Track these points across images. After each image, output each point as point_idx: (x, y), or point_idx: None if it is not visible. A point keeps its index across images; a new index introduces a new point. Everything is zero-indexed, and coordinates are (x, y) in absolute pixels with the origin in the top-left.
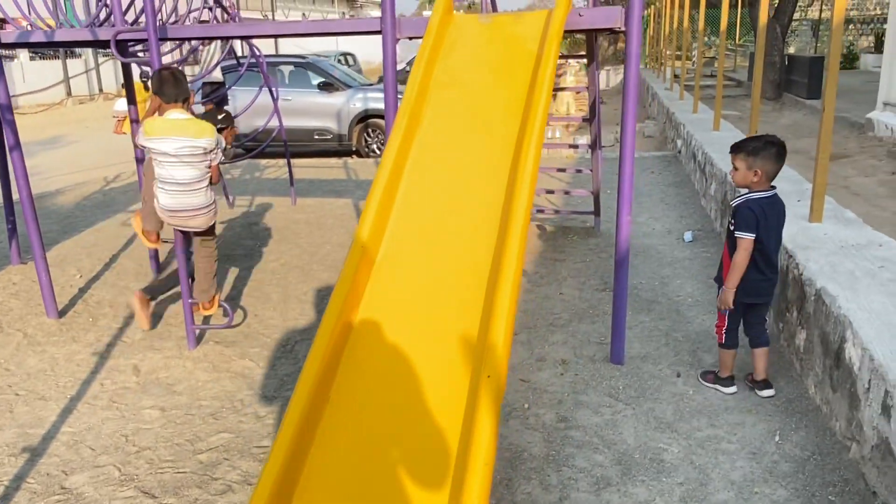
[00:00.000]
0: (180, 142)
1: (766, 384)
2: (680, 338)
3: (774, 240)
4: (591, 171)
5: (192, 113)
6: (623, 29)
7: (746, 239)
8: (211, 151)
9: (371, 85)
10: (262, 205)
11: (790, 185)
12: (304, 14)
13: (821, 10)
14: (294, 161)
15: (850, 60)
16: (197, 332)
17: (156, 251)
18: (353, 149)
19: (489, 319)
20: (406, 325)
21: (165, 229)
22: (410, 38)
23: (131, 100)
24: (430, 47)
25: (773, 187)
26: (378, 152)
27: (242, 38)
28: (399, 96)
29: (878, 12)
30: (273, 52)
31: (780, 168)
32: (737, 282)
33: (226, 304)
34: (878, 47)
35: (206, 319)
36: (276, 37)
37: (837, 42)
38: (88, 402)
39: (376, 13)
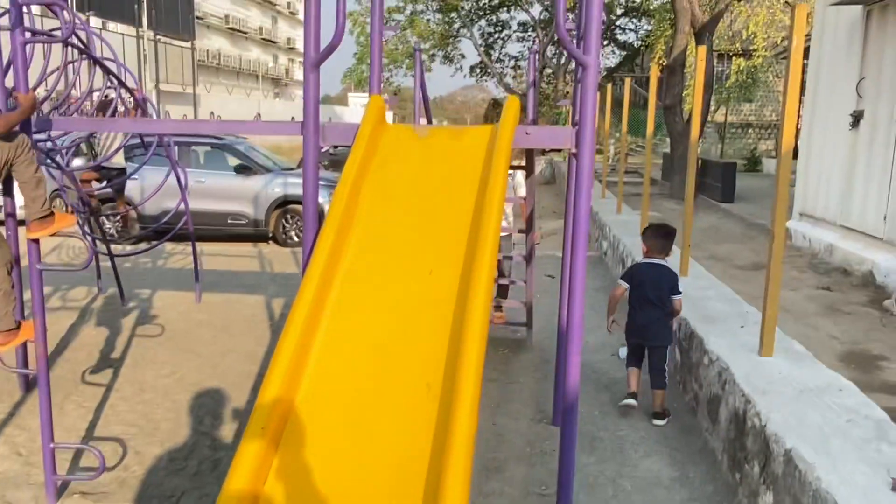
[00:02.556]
0: None
1: (660, 415)
2: (629, 487)
3: (654, 294)
4: (525, 282)
5: None
6: (574, 151)
7: (619, 285)
8: None
9: (291, 169)
10: (160, 302)
11: (729, 305)
12: (227, 90)
13: (726, 115)
14: (204, 246)
15: (753, 164)
16: (59, 482)
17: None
18: (270, 234)
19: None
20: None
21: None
22: (336, 148)
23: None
24: (360, 160)
25: (663, 258)
26: (297, 239)
27: (137, 134)
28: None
29: (775, 118)
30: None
31: (663, 243)
32: (610, 312)
33: (95, 449)
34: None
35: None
36: (177, 136)
37: (786, 169)
38: None
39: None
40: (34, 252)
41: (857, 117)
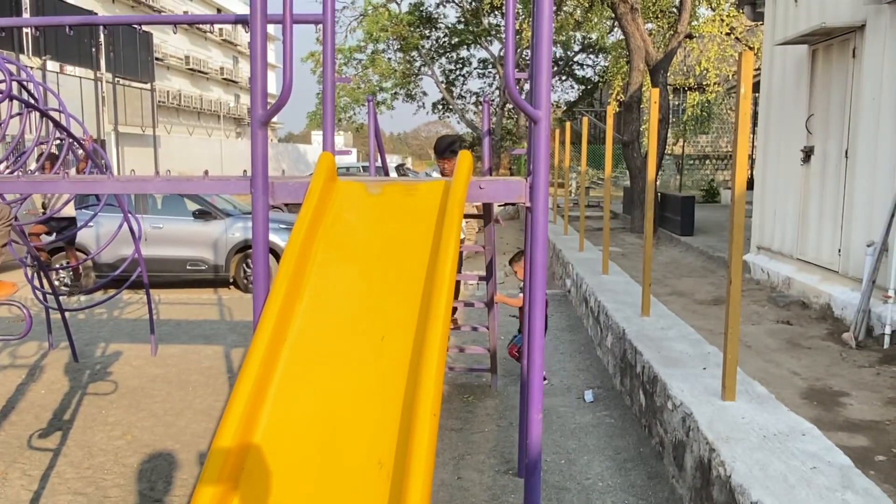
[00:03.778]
0: None
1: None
2: None
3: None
4: (487, 328)
5: None
6: (528, 204)
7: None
8: None
9: (251, 213)
10: (114, 355)
11: (691, 346)
12: (188, 130)
13: (683, 148)
14: (163, 294)
15: (711, 195)
16: None
17: None
18: (231, 280)
19: None
20: None
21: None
22: (286, 206)
23: None
24: (310, 219)
25: None
26: None
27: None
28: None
29: (731, 150)
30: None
31: None
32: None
33: None
34: None
35: None
36: (120, 193)
37: (740, 215)
38: None
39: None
40: None
41: (807, 153)
